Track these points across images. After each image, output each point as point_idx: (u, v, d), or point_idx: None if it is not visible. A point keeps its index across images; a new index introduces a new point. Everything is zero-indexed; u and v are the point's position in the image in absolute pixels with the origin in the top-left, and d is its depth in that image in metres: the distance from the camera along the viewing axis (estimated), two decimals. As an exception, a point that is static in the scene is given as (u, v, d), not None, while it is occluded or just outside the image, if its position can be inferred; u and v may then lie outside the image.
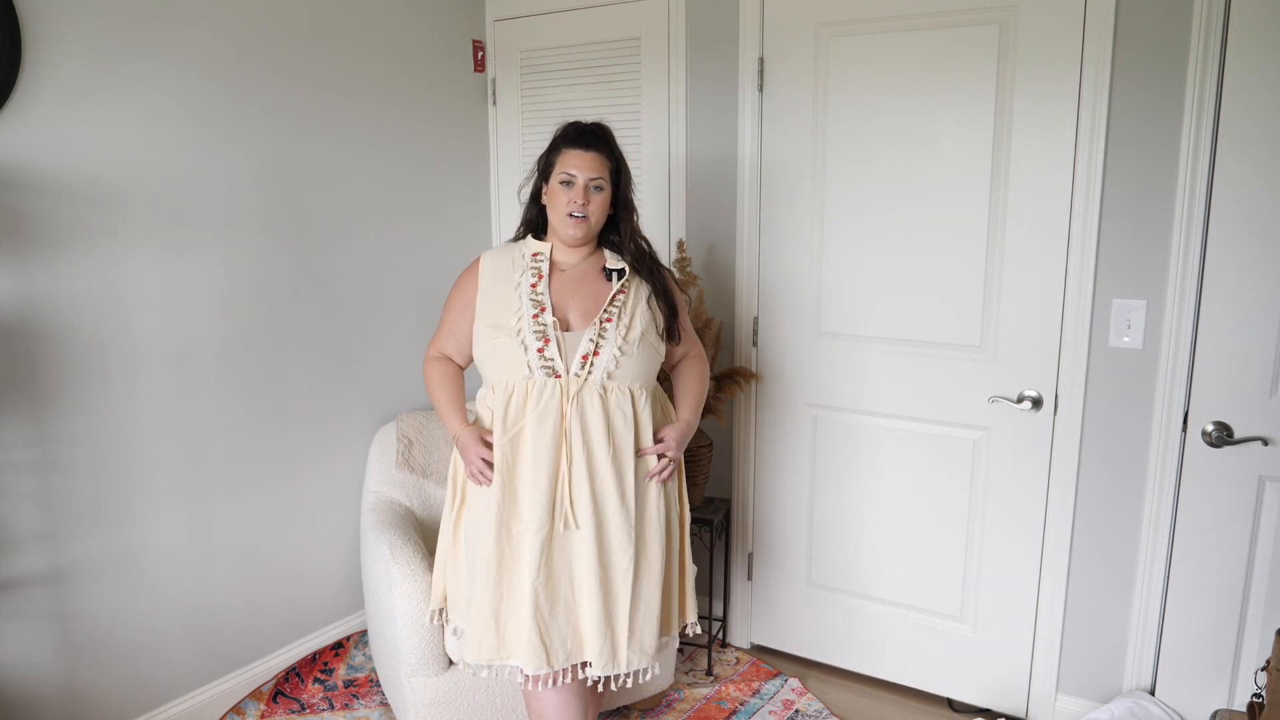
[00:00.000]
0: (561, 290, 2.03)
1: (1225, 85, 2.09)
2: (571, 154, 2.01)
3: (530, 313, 1.99)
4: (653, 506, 2.04)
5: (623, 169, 2.07)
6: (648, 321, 2.05)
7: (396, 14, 2.90)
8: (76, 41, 2.11)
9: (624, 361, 1.99)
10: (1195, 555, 2.27)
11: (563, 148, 2.03)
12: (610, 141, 2.06)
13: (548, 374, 1.95)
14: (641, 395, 2.02)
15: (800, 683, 2.79)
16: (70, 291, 2.15)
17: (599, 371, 1.96)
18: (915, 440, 2.61)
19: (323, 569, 2.85)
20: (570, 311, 2.01)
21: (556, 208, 2.02)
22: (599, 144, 2.03)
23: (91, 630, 2.27)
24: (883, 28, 2.48)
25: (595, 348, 1.97)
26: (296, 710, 2.59)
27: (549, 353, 1.95)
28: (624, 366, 1.99)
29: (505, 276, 2.06)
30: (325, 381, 2.79)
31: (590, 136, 2.03)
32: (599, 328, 1.99)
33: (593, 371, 1.96)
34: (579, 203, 1.98)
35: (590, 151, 2.01)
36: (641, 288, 2.08)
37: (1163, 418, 2.27)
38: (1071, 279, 2.32)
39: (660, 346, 2.09)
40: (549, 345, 1.95)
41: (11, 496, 2.09)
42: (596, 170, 2.00)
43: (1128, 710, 2.30)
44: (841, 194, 2.61)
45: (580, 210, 1.99)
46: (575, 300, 2.02)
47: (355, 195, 2.82)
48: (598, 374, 1.96)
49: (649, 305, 2.07)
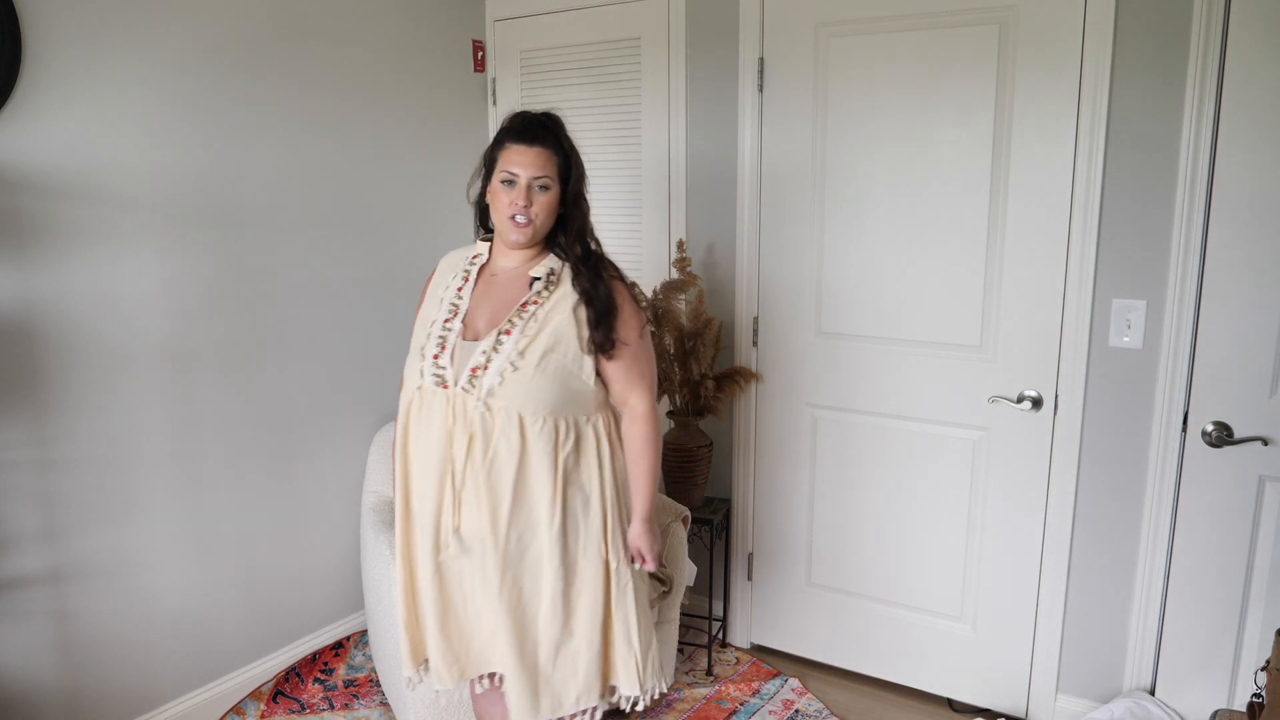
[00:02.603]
0: (483, 296, 1.86)
1: (1225, 85, 2.09)
2: (514, 150, 1.80)
3: (444, 317, 1.85)
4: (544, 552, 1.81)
5: (573, 163, 1.86)
6: (559, 339, 1.79)
7: (396, 14, 2.90)
8: (77, 42, 2.11)
9: (511, 380, 1.75)
10: (1195, 555, 2.27)
11: (506, 142, 1.82)
12: (559, 134, 1.85)
13: (437, 383, 1.79)
14: (535, 424, 1.76)
15: (800, 683, 2.79)
16: (70, 291, 2.15)
17: (482, 389, 1.76)
18: (915, 440, 2.61)
19: (323, 569, 2.85)
20: (480, 320, 1.83)
21: (498, 209, 1.82)
22: (545, 138, 1.81)
23: (91, 630, 2.27)
24: (883, 27, 2.48)
25: (486, 361, 1.76)
26: (296, 710, 2.59)
27: (443, 360, 1.79)
28: (511, 386, 1.75)
29: (445, 279, 1.94)
30: (325, 381, 2.79)
31: (536, 129, 1.82)
32: (495, 339, 1.78)
33: (477, 388, 1.76)
34: (521, 204, 1.79)
35: (535, 147, 1.79)
36: (568, 299, 1.82)
37: (1163, 418, 2.27)
38: (1071, 279, 2.32)
39: (582, 371, 1.80)
40: (444, 353, 1.80)
41: (11, 496, 2.09)
42: (541, 168, 1.79)
43: (1128, 710, 2.30)
44: (841, 194, 2.61)
45: (523, 213, 1.79)
46: (489, 308, 1.84)
47: (355, 195, 2.82)
48: (480, 390, 1.76)
49: (578, 319, 1.80)
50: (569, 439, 1.81)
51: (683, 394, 2.78)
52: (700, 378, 2.73)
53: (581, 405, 1.83)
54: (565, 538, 1.82)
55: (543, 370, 1.77)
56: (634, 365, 1.86)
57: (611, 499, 1.87)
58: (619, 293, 1.84)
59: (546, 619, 1.83)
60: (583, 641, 1.86)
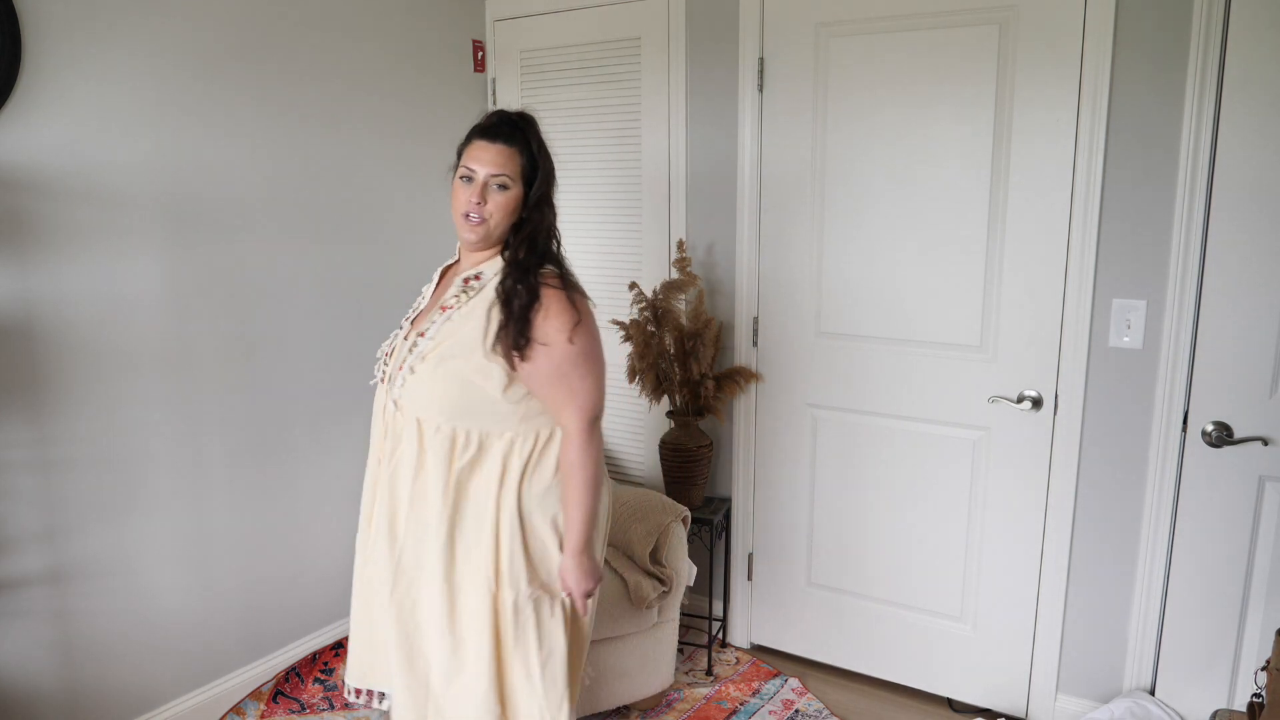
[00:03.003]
0: (436, 296, 1.84)
1: (1225, 85, 2.09)
2: (477, 146, 1.74)
3: (406, 316, 1.90)
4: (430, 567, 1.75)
5: (541, 166, 1.76)
6: (463, 346, 1.69)
7: (396, 13, 2.90)
8: (76, 42, 2.11)
9: (410, 383, 1.72)
10: (1195, 555, 2.27)
11: (472, 138, 1.76)
12: (528, 133, 1.75)
13: (380, 378, 1.84)
14: (430, 430, 1.70)
15: (800, 683, 2.79)
16: (70, 291, 2.15)
17: (394, 388, 1.76)
18: (915, 440, 2.61)
19: (323, 569, 2.85)
20: (423, 320, 1.81)
21: (455, 206, 1.75)
22: (511, 135, 1.73)
23: (91, 630, 2.27)
24: (883, 28, 2.48)
25: (402, 361, 1.76)
26: (296, 710, 2.59)
27: (389, 358, 1.83)
28: (409, 388, 1.72)
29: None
30: (325, 381, 2.78)
31: (503, 126, 1.74)
32: (414, 340, 1.76)
33: (394, 386, 1.77)
34: (474, 202, 1.71)
35: (498, 144, 1.72)
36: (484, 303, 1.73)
37: (1163, 418, 2.27)
38: (1071, 279, 2.32)
39: (487, 380, 1.69)
40: (392, 351, 1.83)
41: (11, 496, 2.09)
42: (501, 166, 1.70)
43: (1128, 710, 2.30)
44: (841, 193, 2.61)
45: (475, 211, 1.71)
46: (430, 309, 1.82)
47: (355, 194, 2.82)
48: (394, 390, 1.76)
49: (488, 325, 1.69)
50: (467, 452, 1.71)
51: (683, 394, 2.78)
52: (700, 378, 2.73)
53: (490, 419, 1.71)
54: (449, 558, 1.73)
55: (439, 375, 1.70)
56: (563, 380, 1.69)
57: (511, 525, 1.72)
58: (547, 293, 1.69)
59: (435, 642, 1.76)
60: (474, 678, 1.73)
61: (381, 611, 1.80)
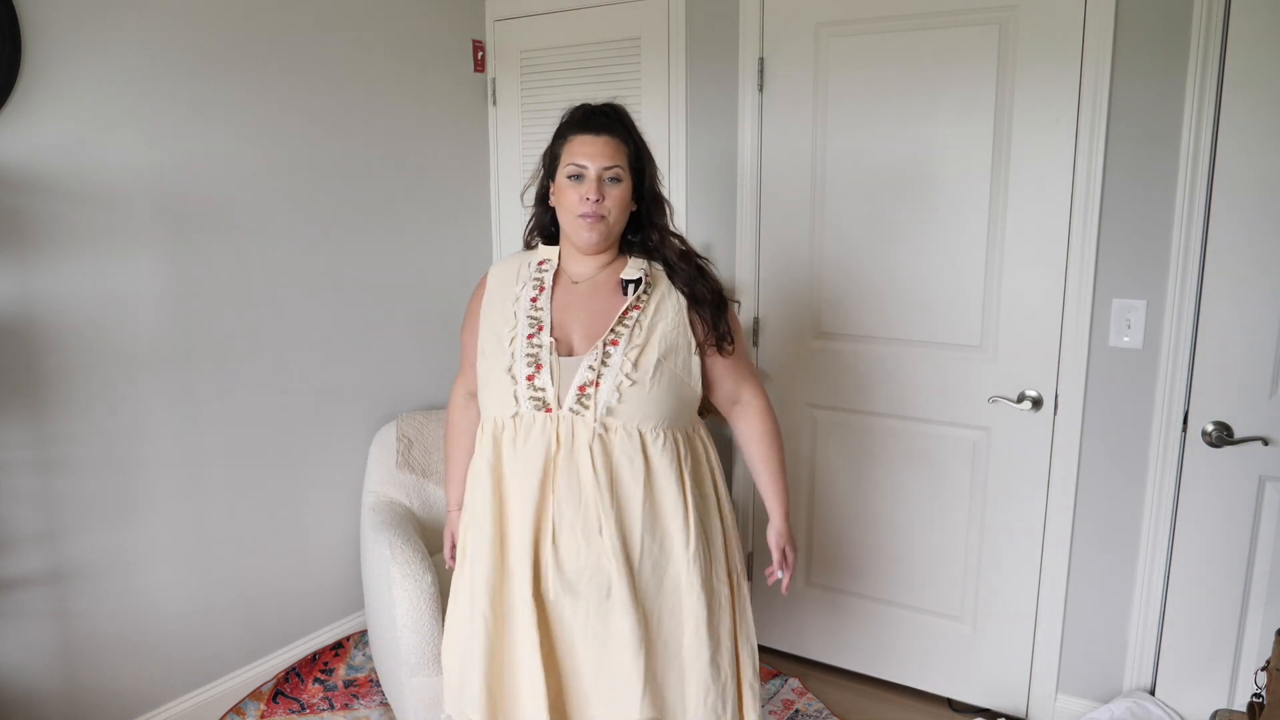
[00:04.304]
0: (567, 306, 1.67)
1: (1225, 85, 2.09)
2: (579, 141, 1.63)
3: (526, 333, 1.64)
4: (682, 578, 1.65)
5: (644, 155, 1.69)
6: (672, 345, 1.64)
7: (396, 13, 2.90)
8: (76, 42, 2.11)
9: (630, 395, 1.59)
10: (1195, 555, 2.27)
11: (569, 135, 1.66)
12: (626, 123, 1.68)
13: (537, 407, 1.60)
14: (656, 440, 1.62)
15: (800, 683, 2.79)
16: (70, 291, 2.15)
17: (598, 407, 1.58)
18: (915, 440, 2.61)
19: (323, 569, 2.85)
20: (574, 333, 1.64)
21: (566, 207, 1.64)
22: (613, 126, 1.65)
23: (91, 630, 2.27)
24: (883, 28, 2.48)
25: (596, 377, 1.59)
26: (296, 710, 2.59)
27: (539, 381, 1.60)
28: (629, 401, 1.59)
29: (507, 291, 1.72)
30: (325, 381, 2.79)
31: (601, 118, 1.66)
32: (601, 352, 1.60)
33: (590, 407, 1.58)
34: (592, 199, 1.60)
35: (602, 136, 1.63)
36: (669, 300, 1.67)
37: (1163, 418, 2.27)
38: (1071, 279, 2.32)
39: (690, 376, 1.67)
40: (540, 373, 1.60)
41: (11, 496, 2.09)
42: (611, 158, 1.62)
43: (1128, 710, 2.30)
44: (841, 193, 2.61)
45: (593, 209, 1.60)
46: (582, 319, 1.65)
47: (355, 195, 2.82)
48: (596, 410, 1.58)
49: (683, 321, 1.65)
50: (688, 452, 1.69)
51: (683, 394, 2.78)
52: (700, 378, 2.73)
53: (690, 416, 1.71)
54: (702, 559, 1.66)
55: (659, 381, 1.62)
56: (742, 359, 1.78)
57: (730, 512, 1.77)
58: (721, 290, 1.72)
59: (692, 655, 1.64)
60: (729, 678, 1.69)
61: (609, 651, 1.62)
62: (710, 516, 1.72)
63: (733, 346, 1.71)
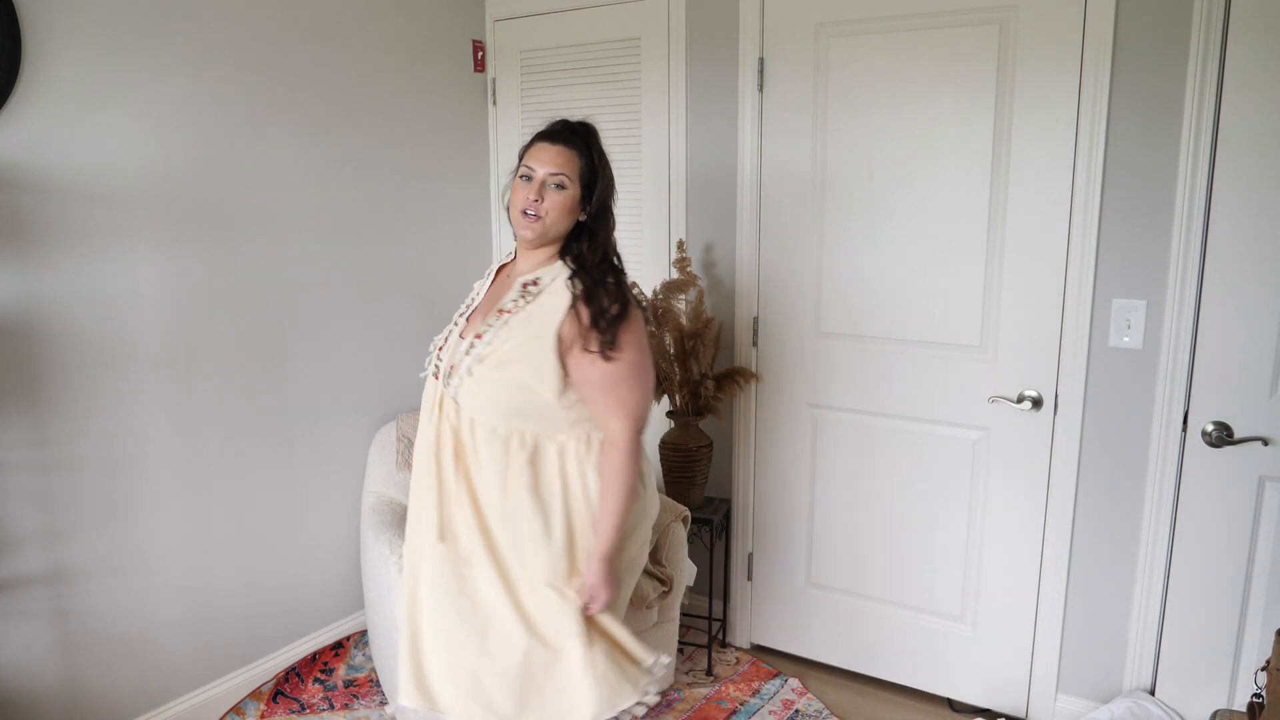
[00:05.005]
0: (491, 296, 1.88)
1: (1225, 85, 2.09)
2: (537, 148, 1.80)
3: (459, 312, 1.91)
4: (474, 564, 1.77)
5: (600, 172, 1.81)
6: (523, 352, 1.73)
7: (396, 14, 2.90)
8: (76, 42, 2.11)
9: (468, 385, 1.76)
10: (1195, 555, 2.27)
11: (533, 142, 1.83)
12: (588, 140, 1.82)
13: (433, 373, 1.86)
14: (484, 431, 1.75)
15: (800, 683, 2.79)
16: (70, 291, 2.15)
17: (452, 385, 1.79)
18: (915, 440, 2.61)
19: (323, 569, 2.85)
20: (478, 318, 1.84)
21: (513, 205, 1.80)
22: (571, 139, 1.80)
23: (92, 630, 2.27)
24: (883, 28, 2.48)
25: (459, 360, 1.79)
26: (296, 710, 2.59)
27: (443, 354, 1.84)
28: (467, 390, 1.76)
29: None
30: (325, 381, 2.78)
31: (564, 132, 1.81)
32: (471, 340, 1.79)
33: (450, 386, 1.79)
34: (531, 199, 1.75)
35: (558, 145, 1.78)
36: (550, 307, 1.75)
37: (1163, 418, 2.27)
38: (1071, 279, 2.32)
39: (542, 384, 1.72)
40: (445, 345, 1.86)
41: (11, 496, 2.09)
42: (560, 165, 1.76)
43: (1128, 710, 2.30)
44: (841, 193, 2.61)
45: (532, 208, 1.75)
46: (486, 308, 1.85)
47: (356, 195, 2.82)
48: (451, 387, 1.79)
49: (551, 329, 1.72)
50: (522, 453, 1.75)
51: (683, 394, 2.78)
52: (700, 378, 2.73)
53: (542, 422, 1.76)
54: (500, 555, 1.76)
55: (496, 380, 1.74)
56: (615, 389, 1.74)
57: (583, 528, 1.78)
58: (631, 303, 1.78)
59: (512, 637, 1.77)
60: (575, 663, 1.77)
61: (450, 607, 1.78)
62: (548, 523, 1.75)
63: (613, 353, 1.70)
